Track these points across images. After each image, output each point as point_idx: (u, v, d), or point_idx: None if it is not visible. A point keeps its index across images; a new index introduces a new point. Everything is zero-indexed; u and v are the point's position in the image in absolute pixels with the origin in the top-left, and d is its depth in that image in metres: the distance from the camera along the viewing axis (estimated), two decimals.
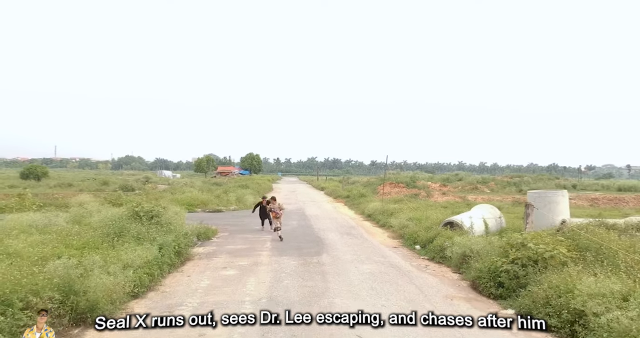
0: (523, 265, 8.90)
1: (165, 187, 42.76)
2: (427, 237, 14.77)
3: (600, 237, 9.34)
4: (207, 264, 12.11)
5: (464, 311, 8.45)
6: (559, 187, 46.67)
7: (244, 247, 14.95)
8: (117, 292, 7.74)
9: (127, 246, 9.92)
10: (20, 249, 8.08)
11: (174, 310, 8.06)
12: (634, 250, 8.55)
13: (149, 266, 9.60)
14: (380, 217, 22.25)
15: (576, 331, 6.80)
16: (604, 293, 6.80)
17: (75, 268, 7.40)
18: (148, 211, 13.41)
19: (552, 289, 7.60)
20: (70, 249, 9.09)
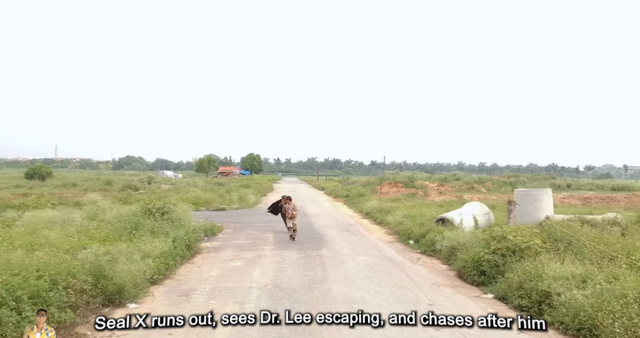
0: (502, 255, 9.89)
1: (169, 186, 43.72)
2: (420, 232, 15.75)
3: (573, 231, 10.35)
4: (215, 257, 13.11)
5: (448, 296, 9.45)
6: (554, 187, 47.65)
7: (248, 242, 15.93)
8: (140, 277, 8.75)
9: (144, 239, 10.93)
10: (53, 240, 9.08)
11: (189, 295, 9.05)
12: (600, 241, 9.54)
13: (165, 256, 10.60)
14: (378, 215, 23.24)
15: (543, 309, 7.79)
16: (566, 276, 7.80)
17: (104, 256, 8.41)
18: (159, 208, 14.45)
19: (524, 275, 8.61)
20: (93, 241, 10.09)
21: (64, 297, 6.70)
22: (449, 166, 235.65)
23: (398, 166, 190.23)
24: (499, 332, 7.18)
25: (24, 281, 6.27)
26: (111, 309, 7.99)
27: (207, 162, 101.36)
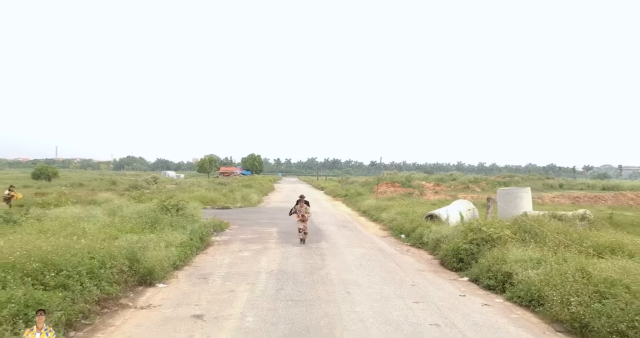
0: (477, 244, 11.41)
1: (174, 186, 45.22)
2: (411, 227, 17.28)
3: (540, 224, 11.87)
4: (225, 248, 14.61)
5: (430, 279, 10.96)
6: (547, 187, 49.20)
7: (254, 236, 17.43)
8: (166, 262, 10.26)
9: (165, 231, 12.45)
10: (89, 231, 10.57)
11: (207, 278, 10.55)
12: (560, 232, 11.06)
13: (183, 246, 12.12)
14: (374, 212, 24.76)
15: (505, 287, 9.31)
16: (525, 259, 9.32)
17: (136, 244, 9.92)
18: (174, 205, 15.98)
19: (493, 260, 10.13)
20: (122, 232, 11.59)
21: (110, 274, 8.21)
22: (448, 166, 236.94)
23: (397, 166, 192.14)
24: (468, 305, 8.75)
25: (81, 260, 7.77)
26: (144, 287, 9.50)
27: (208, 162, 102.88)
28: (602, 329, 6.52)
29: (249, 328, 7.12)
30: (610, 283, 7.07)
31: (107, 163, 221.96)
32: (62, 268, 7.28)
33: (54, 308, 6.34)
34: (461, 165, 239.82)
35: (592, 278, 7.47)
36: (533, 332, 7.27)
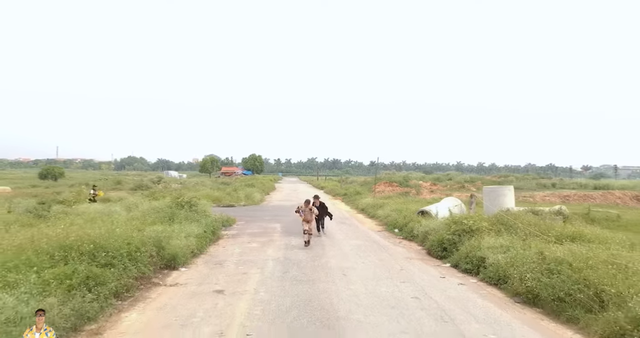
0: (459, 234, 12.98)
1: (179, 186, 46.71)
2: (403, 222, 18.82)
3: (514, 217, 13.42)
4: (234, 241, 16.16)
5: (416, 265, 12.51)
6: (540, 186, 50.72)
7: (260, 231, 18.97)
8: (186, 250, 11.83)
9: (183, 224, 14.01)
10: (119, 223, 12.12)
11: (222, 263, 12.10)
12: (531, 224, 12.61)
13: (199, 238, 13.68)
14: (371, 210, 26.31)
15: (480, 270, 10.86)
16: (496, 246, 10.88)
17: (162, 234, 11.48)
18: (187, 202, 17.52)
19: (470, 247, 11.70)
20: (145, 225, 13.13)
21: (143, 258, 9.76)
22: (447, 166, 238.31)
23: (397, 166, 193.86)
24: (446, 284, 10.30)
25: (122, 245, 9.32)
26: (169, 270, 11.05)
27: (210, 162, 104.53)
28: (547, 298, 8.08)
29: (262, 299, 8.67)
30: (559, 262, 8.62)
31: (108, 163, 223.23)
32: (108, 250, 8.84)
33: (107, 280, 7.90)
34: (460, 165, 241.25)
35: (546, 259, 9.01)
36: (495, 303, 8.82)
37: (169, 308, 8.07)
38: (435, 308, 8.30)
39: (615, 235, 12.20)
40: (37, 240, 8.67)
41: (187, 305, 8.30)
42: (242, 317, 7.60)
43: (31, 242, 8.60)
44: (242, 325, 7.20)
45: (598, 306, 7.20)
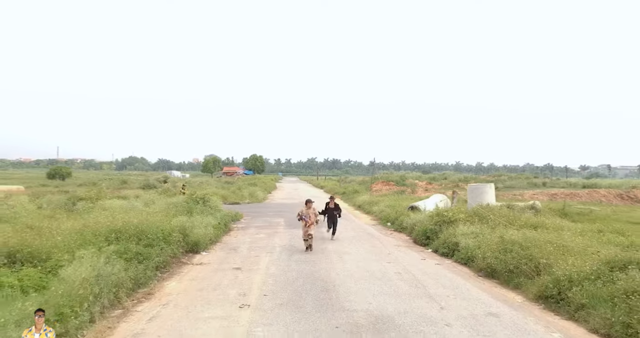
0: (439, 225, 15.04)
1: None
2: (395, 216, 20.89)
3: (488, 210, 15.49)
4: (244, 232, 18.23)
5: (403, 250, 14.57)
6: (531, 185, 52.76)
7: (265, 224, 21.03)
8: (206, 237, 13.89)
9: (200, 216, 16.07)
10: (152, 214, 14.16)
11: (236, 249, 14.16)
12: (501, 215, 14.68)
13: (215, 228, 15.74)
14: (367, 206, 28.39)
15: (454, 253, 12.92)
16: (468, 233, 12.95)
17: (186, 223, 13.55)
18: (201, 198, 19.58)
19: (447, 235, 13.77)
20: (168, 217, 15.18)
21: (175, 241, 11.83)
22: (446, 166, 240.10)
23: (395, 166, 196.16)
24: (425, 264, 12.36)
25: (157, 231, 11.38)
26: (192, 254, 13.11)
27: (212, 162, 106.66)
28: (502, 271, 10.15)
29: (273, 274, 10.74)
30: (513, 243, 10.68)
31: (109, 163, 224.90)
32: (148, 234, 10.90)
33: (151, 257, 9.97)
34: (459, 165, 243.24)
35: (504, 241, 11.07)
36: (461, 276, 10.89)
37: (200, 279, 10.14)
38: (412, 279, 10.36)
39: (573, 224, 14.29)
40: (91, 226, 10.73)
41: (214, 277, 10.36)
42: (258, 284, 9.66)
43: (86, 227, 10.66)
44: (259, 289, 9.26)
45: (536, 274, 9.26)
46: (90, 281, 7.13)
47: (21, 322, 5.64)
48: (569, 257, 9.22)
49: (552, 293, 8.33)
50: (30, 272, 7.69)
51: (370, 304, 8.30)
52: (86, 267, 7.31)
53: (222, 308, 7.99)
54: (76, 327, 6.26)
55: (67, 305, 6.32)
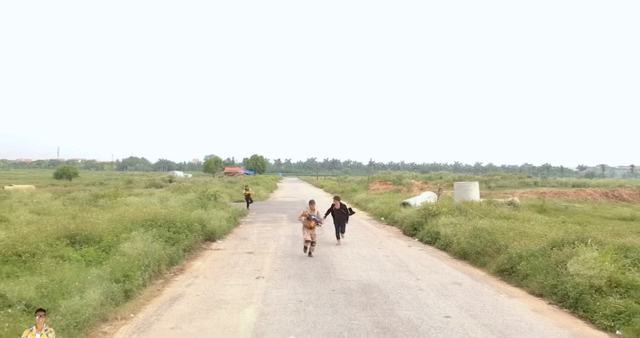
0: (425, 217, 17.09)
1: (190, 184, 50.76)
2: (388, 212, 22.94)
3: (468, 205, 17.54)
4: (252, 225, 20.26)
5: (393, 240, 16.61)
6: (523, 184, 54.86)
7: (270, 219, 23.07)
8: (221, 228, 15.94)
9: (214, 211, 18.12)
10: (174, 207, 16.18)
11: (247, 238, 16.20)
12: (478, 209, 16.71)
13: (227, 220, 17.79)
14: (363, 203, 30.43)
15: (436, 241, 14.96)
16: (447, 223, 15.00)
17: (204, 215, 15.60)
18: (212, 195, 21.63)
19: (431, 225, 15.82)
20: (188, 210, 17.20)
21: (196, 230, 13.87)
22: (445, 166, 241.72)
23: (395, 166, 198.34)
24: (410, 250, 14.41)
25: (180, 221, 13.42)
26: (209, 242, 15.14)
27: (214, 163, 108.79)
28: (472, 253, 12.20)
29: (280, 256, 12.79)
30: (482, 231, 12.72)
31: (110, 163, 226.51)
32: (175, 223, 12.95)
33: (180, 241, 12.01)
34: (458, 165, 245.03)
35: (476, 229, 13.11)
36: (439, 258, 12.93)
37: (220, 260, 12.19)
38: (397, 261, 12.41)
39: (541, 217, 16.34)
40: (127, 216, 12.78)
41: (231, 259, 12.41)
42: (269, 263, 11.71)
43: (123, 217, 12.70)
44: (270, 267, 11.31)
45: (496, 254, 11.30)
46: (141, 255, 9.17)
47: (96, 281, 7.64)
48: (524, 240, 11.25)
49: (506, 268, 10.38)
50: (90, 250, 9.73)
51: (361, 276, 10.35)
52: (139, 244, 9.35)
53: (242, 279, 10.03)
54: (137, 286, 8.30)
55: (130, 270, 8.37)
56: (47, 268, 7.90)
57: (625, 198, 43.03)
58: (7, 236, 9.27)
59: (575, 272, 7.92)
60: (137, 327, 6.85)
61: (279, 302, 8.21)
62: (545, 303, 8.47)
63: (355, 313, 7.66)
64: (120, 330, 6.73)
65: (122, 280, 8.01)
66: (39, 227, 10.53)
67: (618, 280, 7.65)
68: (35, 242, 9.13)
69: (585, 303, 7.60)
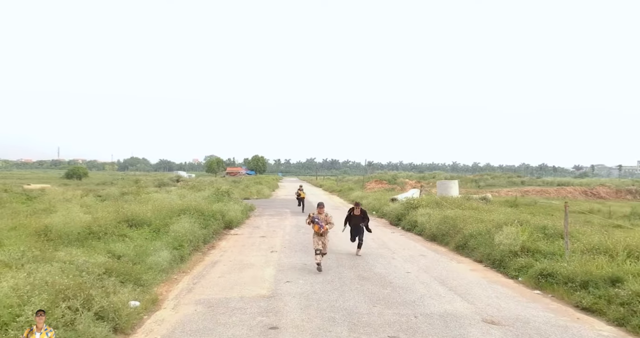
0: (407, 209, 20.33)
1: (197, 183, 53.97)
2: (379, 207, 26.18)
3: (444, 199, 20.80)
4: (260, 218, 23.49)
5: (381, 229, 19.83)
6: (510, 183, 58.13)
7: (275, 213, 26.30)
8: (237, 218, 19.18)
9: (230, 204, 21.36)
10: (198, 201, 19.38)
11: (258, 227, 19.43)
12: (452, 203, 19.95)
13: (241, 212, 21.03)
14: (358, 200, 33.55)
15: (414, 228, 18.20)
16: (424, 214, 18.25)
17: (223, 207, 18.84)
18: (225, 191, 24.87)
19: (411, 216, 19.06)
20: (208, 204, 20.40)
21: (218, 218, 17.11)
22: (443, 166, 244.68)
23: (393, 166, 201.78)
24: (392, 235, 17.66)
25: (207, 211, 16.64)
26: (228, 229, 18.36)
27: (216, 163, 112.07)
28: (439, 235, 15.44)
29: (287, 239, 16.02)
30: (449, 218, 15.95)
31: (111, 164, 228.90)
32: (203, 213, 16.18)
33: (209, 226, 15.24)
34: (456, 165, 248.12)
35: (444, 217, 16.34)
36: (414, 241, 16.17)
37: (240, 241, 15.42)
38: (380, 242, 15.65)
39: (502, 208, 19.58)
40: (165, 207, 15.99)
41: (248, 240, 15.64)
42: (279, 243, 14.95)
43: (162, 208, 15.91)
44: (280, 245, 14.54)
45: (456, 235, 14.53)
46: (187, 233, 12.42)
47: (162, 248, 10.83)
48: (478, 224, 14.48)
49: (461, 244, 13.63)
50: (144, 230, 12.93)
51: (350, 251, 13.61)
52: (186, 225, 12.60)
53: (260, 252, 13.26)
54: (187, 254, 11.55)
55: (182, 242, 11.61)
56: (124, 241, 11.11)
57: (603, 196, 46.39)
58: (88, 219, 12.49)
59: (499, 242, 11.16)
60: (195, 276, 10.09)
61: (289, 265, 11.45)
62: (482, 266, 11.73)
63: (344, 270, 10.90)
64: (184, 279, 9.95)
65: (178, 248, 11.24)
66: (102, 214, 13.77)
67: (528, 247, 10.89)
68: (104, 225, 12.37)
69: (505, 262, 10.85)
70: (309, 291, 8.96)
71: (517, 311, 7.84)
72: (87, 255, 8.54)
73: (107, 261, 8.39)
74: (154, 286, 8.68)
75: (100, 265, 7.86)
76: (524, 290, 9.32)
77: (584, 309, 7.88)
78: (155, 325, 6.94)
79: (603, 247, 9.76)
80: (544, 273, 9.33)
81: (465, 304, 8.22)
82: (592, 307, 7.76)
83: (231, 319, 7.19)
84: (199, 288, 9.13)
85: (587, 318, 7.51)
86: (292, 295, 8.61)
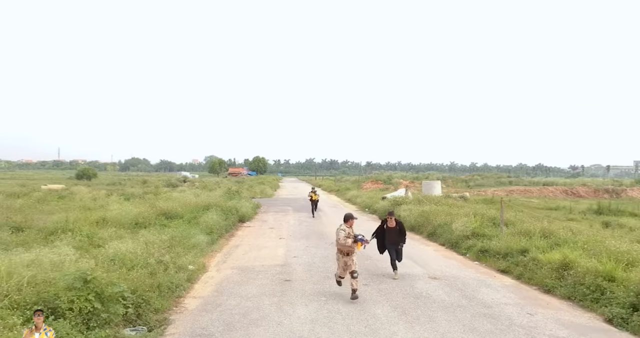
0: (394, 206, 23.75)
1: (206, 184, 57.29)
2: (371, 204, 29.60)
3: (425, 197, 24.21)
4: (266, 214, 26.89)
5: (369, 221, 23.24)
6: (498, 183, 61.58)
7: (279, 210, 29.70)
8: (249, 213, 22.61)
9: (242, 202, 24.78)
10: (215, 199, 22.75)
11: (266, 221, 22.85)
12: (432, 200, 23.34)
13: (252, 209, 24.45)
14: (354, 199, 37.12)
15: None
16: (406, 209, 21.65)
17: (237, 203, 22.26)
18: (236, 191, 28.29)
19: (396, 211, 22.46)
20: (222, 200, 23.78)
21: (234, 213, 20.52)
22: (441, 166, 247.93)
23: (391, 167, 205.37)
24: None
25: (225, 206, 20.03)
26: (241, 223, 21.76)
27: (218, 164, 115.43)
28: (417, 226, 18.85)
29: (292, 229, 19.44)
30: (425, 212, 19.34)
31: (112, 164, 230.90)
32: (223, 208, 19.59)
33: (230, 217, 18.66)
34: (454, 166, 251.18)
35: (422, 212, 19.74)
36: None
37: (254, 231, 18.83)
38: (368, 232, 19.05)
39: (475, 205, 23.02)
40: (191, 203, 19.39)
41: (260, 230, 19.05)
42: (286, 233, 18.36)
43: (188, 204, 19.31)
44: (287, 234, 17.95)
45: (428, 225, 17.94)
46: (215, 223, 15.84)
47: (198, 233, 14.21)
48: (447, 216, 17.88)
49: (431, 232, 17.06)
50: (179, 222, 16.35)
51: None
52: (214, 217, 16.03)
53: (271, 239, 16.67)
54: (215, 239, 14.97)
55: (212, 229, 15.02)
56: (166, 228, 14.48)
57: (582, 195, 49.84)
58: (134, 213, 15.89)
59: (455, 229, 14.60)
60: (224, 254, 13.51)
61: (295, 247, 14.88)
62: (444, 248, 15.16)
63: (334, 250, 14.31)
64: (217, 255, 13.36)
65: (209, 234, 14.65)
66: (143, 209, 17.19)
67: (477, 232, 14.32)
68: (147, 217, 15.78)
69: (459, 244, 14.29)
70: (310, 262, 12.40)
71: (454, 272, 11.29)
72: (154, 236, 11.95)
73: (170, 238, 11.82)
74: (200, 258, 12.09)
75: (165, 241, 11.27)
76: (467, 262, 12.76)
77: (502, 271, 11.34)
78: (208, 278, 10.38)
79: (526, 230, 13.21)
80: (482, 250, 12.78)
81: (421, 269, 11.68)
82: (506, 269, 11.21)
83: (258, 276, 10.63)
84: (231, 260, 12.55)
85: (501, 276, 10.97)
86: (298, 264, 12.07)
